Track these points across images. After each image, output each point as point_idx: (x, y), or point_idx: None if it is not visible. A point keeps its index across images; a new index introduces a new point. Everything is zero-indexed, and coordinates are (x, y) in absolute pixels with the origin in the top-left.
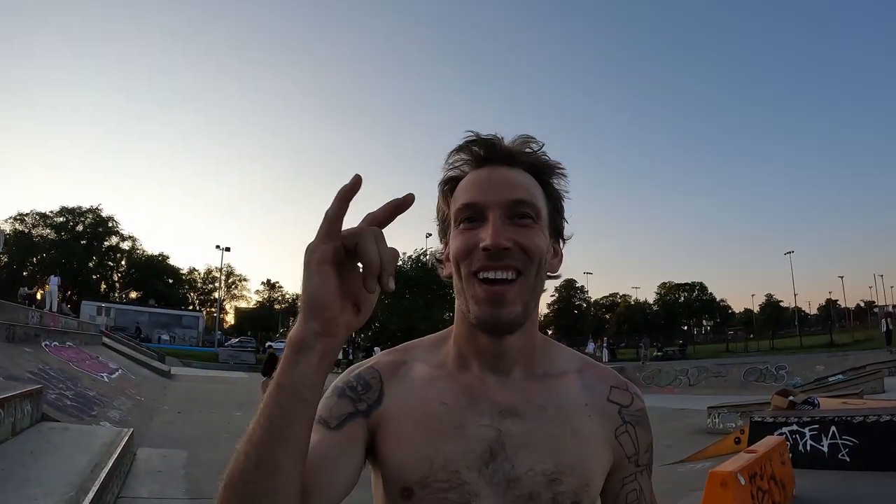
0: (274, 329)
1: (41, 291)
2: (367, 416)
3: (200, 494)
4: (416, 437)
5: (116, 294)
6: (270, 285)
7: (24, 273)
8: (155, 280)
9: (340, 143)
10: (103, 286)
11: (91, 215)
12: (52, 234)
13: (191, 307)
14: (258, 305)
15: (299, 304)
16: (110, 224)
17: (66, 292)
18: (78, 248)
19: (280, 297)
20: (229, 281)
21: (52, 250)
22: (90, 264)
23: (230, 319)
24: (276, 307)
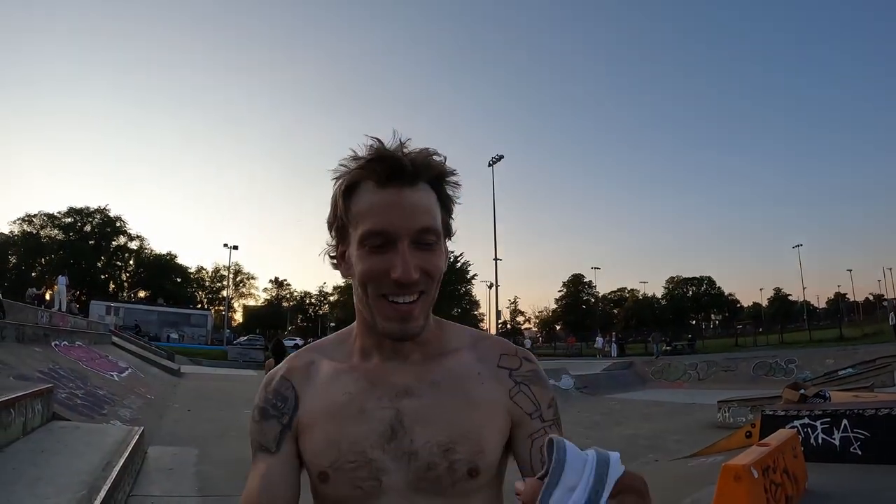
0: (282, 326)
1: (50, 292)
2: (290, 426)
3: (212, 491)
4: (326, 426)
5: (125, 294)
6: (279, 283)
7: (32, 274)
8: (163, 279)
9: (349, 140)
10: (112, 286)
11: (99, 216)
12: (61, 235)
13: (199, 306)
14: (266, 303)
15: None
16: (118, 224)
17: (74, 292)
18: (86, 249)
19: (288, 295)
20: (237, 279)
21: (61, 251)
22: (98, 264)
23: (238, 317)
24: (285, 305)
